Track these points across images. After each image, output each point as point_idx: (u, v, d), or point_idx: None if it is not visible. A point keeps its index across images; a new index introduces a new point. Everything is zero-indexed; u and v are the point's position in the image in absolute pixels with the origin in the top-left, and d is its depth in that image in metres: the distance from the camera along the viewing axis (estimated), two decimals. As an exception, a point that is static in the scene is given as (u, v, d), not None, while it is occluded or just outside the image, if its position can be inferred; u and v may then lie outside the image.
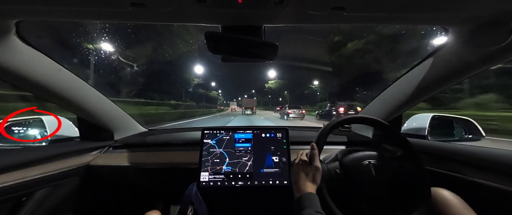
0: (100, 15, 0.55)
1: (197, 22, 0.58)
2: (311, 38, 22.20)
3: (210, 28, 0.56)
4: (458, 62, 0.68)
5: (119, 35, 13.23)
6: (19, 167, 0.72)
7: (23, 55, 0.64)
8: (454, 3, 0.48)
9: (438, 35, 0.70)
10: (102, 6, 0.49)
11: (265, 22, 0.58)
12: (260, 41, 0.60)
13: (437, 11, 0.51)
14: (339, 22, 0.57)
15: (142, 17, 0.56)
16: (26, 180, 0.71)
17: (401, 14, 0.52)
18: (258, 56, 0.61)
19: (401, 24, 0.59)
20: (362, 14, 0.52)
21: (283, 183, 0.86)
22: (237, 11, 0.51)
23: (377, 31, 16.01)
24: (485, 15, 0.51)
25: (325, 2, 0.46)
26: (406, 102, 0.93)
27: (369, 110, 1.13)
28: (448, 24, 0.60)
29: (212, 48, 0.57)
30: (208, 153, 0.89)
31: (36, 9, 0.51)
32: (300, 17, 0.54)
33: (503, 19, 0.51)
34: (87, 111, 0.94)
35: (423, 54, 0.78)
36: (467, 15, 0.52)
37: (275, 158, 0.89)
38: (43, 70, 0.71)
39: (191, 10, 0.50)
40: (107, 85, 12.69)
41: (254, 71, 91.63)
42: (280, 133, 0.94)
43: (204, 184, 0.85)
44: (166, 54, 18.15)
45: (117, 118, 1.10)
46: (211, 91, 56.42)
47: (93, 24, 10.62)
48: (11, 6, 0.49)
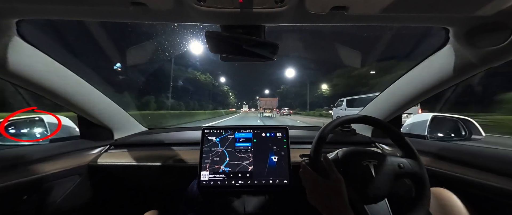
0: (101, 14, 0.55)
1: (197, 22, 0.58)
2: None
3: (210, 28, 0.56)
4: (458, 62, 0.68)
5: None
6: (20, 167, 0.72)
7: (23, 54, 0.64)
8: (454, 3, 0.48)
9: (438, 35, 0.70)
10: (103, 5, 0.49)
11: (265, 21, 0.58)
12: (260, 41, 0.60)
13: (437, 11, 0.51)
14: (340, 22, 0.57)
15: (142, 17, 0.56)
16: (27, 179, 0.72)
17: (401, 14, 0.52)
18: (258, 55, 0.61)
19: (401, 24, 0.59)
20: (362, 14, 0.52)
21: (283, 183, 0.86)
22: (237, 10, 0.51)
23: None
24: (485, 15, 0.51)
25: (326, 1, 0.47)
26: (406, 102, 0.93)
27: (369, 109, 1.13)
28: (448, 24, 0.60)
29: (212, 48, 0.57)
30: (208, 152, 0.89)
31: (36, 8, 0.51)
32: (300, 16, 0.54)
33: (503, 19, 0.51)
34: (88, 110, 0.94)
35: (423, 55, 0.78)
36: (467, 15, 0.52)
37: (275, 157, 0.89)
38: (44, 69, 0.71)
39: (191, 9, 0.50)
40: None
41: (257, 77, 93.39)
42: (280, 133, 0.94)
43: (204, 183, 0.85)
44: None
45: (117, 117, 1.10)
46: (231, 97, 56.78)
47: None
48: (12, 5, 0.50)
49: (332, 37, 23.71)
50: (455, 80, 0.75)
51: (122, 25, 13.36)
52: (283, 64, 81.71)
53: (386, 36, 24.47)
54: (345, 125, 1.19)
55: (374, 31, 22.30)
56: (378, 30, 23.42)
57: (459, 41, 0.62)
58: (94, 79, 0.84)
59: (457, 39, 0.63)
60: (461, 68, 0.69)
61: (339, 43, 23.80)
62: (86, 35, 11.32)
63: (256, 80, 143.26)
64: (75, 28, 9.97)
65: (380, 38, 23.09)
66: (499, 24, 0.52)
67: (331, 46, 25.87)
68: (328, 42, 24.04)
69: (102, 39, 12.88)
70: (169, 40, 19.68)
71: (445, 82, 0.77)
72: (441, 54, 0.72)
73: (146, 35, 15.96)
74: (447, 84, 0.78)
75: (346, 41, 22.40)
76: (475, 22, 0.55)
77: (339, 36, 24.20)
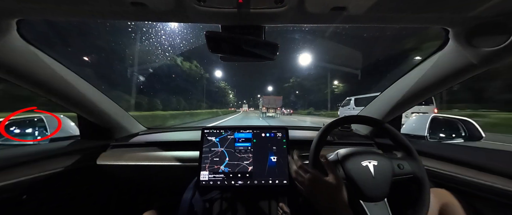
0: (100, 14, 0.55)
1: (197, 22, 0.58)
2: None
3: (210, 28, 0.56)
4: (458, 63, 0.68)
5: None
6: (20, 166, 0.72)
7: (24, 53, 0.64)
8: (454, 3, 0.48)
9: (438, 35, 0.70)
10: (103, 5, 0.49)
11: (265, 21, 0.58)
12: (260, 41, 0.60)
13: (438, 11, 0.51)
14: (340, 22, 0.57)
15: (142, 17, 0.56)
16: (26, 179, 0.72)
17: (401, 14, 0.52)
18: (258, 56, 0.61)
19: (401, 24, 0.59)
20: (362, 14, 0.52)
21: (283, 183, 0.86)
22: (238, 10, 0.51)
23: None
24: (485, 15, 0.51)
25: (326, 2, 0.47)
26: (406, 102, 0.93)
27: (369, 110, 1.13)
28: (448, 24, 0.60)
29: (212, 48, 0.57)
30: (208, 152, 0.89)
31: (36, 8, 0.51)
32: (300, 17, 0.54)
33: (503, 21, 0.51)
34: (88, 110, 0.94)
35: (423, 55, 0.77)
36: (467, 16, 0.52)
37: (275, 157, 0.89)
38: (44, 68, 0.71)
39: (192, 9, 0.50)
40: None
41: (257, 76, 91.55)
42: (280, 133, 0.94)
43: (203, 183, 0.85)
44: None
45: (117, 117, 1.10)
46: (229, 95, 53.19)
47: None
48: (12, 4, 0.50)
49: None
50: (455, 80, 0.75)
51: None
52: (294, 51, 74.07)
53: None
54: (345, 125, 1.19)
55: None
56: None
57: (459, 42, 0.62)
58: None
59: (457, 40, 0.63)
60: (461, 68, 0.69)
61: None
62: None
63: (256, 78, 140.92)
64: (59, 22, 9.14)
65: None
66: (499, 25, 0.52)
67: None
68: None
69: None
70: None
71: (445, 82, 0.77)
72: (441, 55, 0.72)
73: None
74: (447, 84, 0.78)
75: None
76: (475, 22, 0.55)
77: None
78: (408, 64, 17.48)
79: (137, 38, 19.12)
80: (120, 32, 17.53)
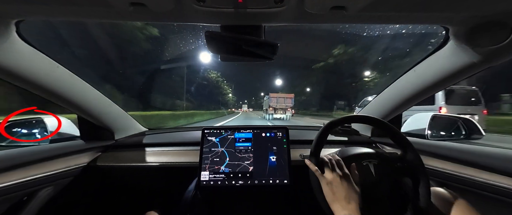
0: (100, 15, 0.55)
1: (197, 22, 0.58)
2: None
3: (210, 28, 0.56)
4: (458, 62, 0.68)
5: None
6: (20, 167, 0.72)
7: (23, 55, 0.64)
8: (454, 2, 0.48)
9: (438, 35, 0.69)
10: (102, 5, 0.49)
11: (265, 21, 0.58)
12: (260, 41, 0.60)
13: (437, 10, 0.51)
14: (339, 22, 0.57)
15: (142, 17, 0.56)
16: (27, 180, 0.72)
17: (401, 13, 0.52)
18: (258, 55, 0.61)
19: (401, 23, 0.59)
20: (362, 14, 0.52)
21: (283, 182, 0.86)
22: (237, 10, 0.51)
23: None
24: (485, 14, 0.51)
25: (325, 1, 0.46)
26: (406, 101, 0.93)
27: (369, 109, 1.13)
28: (448, 23, 0.59)
29: (212, 48, 0.57)
30: (208, 152, 0.89)
31: (36, 8, 0.51)
32: (300, 16, 0.54)
33: (503, 19, 0.51)
34: (88, 111, 0.94)
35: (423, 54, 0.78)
36: (467, 15, 0.52)
37: (276, 157, 0.89)
38: (44, 69, 0.71)
39: (191, 9, 0.50)
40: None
41: (257, 75, 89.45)
42: (280, 133, 0.94)
43: (204, 183, 0.85)
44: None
45: (117, 118, 1.10)
46: (227, 93, 51.12)
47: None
48: (12, 6, 0.49)
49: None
50: (455, 79, 0.75)
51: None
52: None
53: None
54: (345, 124, 1.19)
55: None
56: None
57: (459, 40, 0.62)
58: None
59: (457, 38, 0.62)
60: (461, 67, 0.69)
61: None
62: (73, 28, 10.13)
63: (256, 77, 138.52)
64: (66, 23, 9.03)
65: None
66: (499, 23, 0.52)
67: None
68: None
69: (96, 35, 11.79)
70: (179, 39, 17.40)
71: (445, 81, 0.77)
72: (441, 53, 0.72)
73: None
74: (447, 83, 0.78)
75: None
76: (475, 21, 0.54)
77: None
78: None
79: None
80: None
